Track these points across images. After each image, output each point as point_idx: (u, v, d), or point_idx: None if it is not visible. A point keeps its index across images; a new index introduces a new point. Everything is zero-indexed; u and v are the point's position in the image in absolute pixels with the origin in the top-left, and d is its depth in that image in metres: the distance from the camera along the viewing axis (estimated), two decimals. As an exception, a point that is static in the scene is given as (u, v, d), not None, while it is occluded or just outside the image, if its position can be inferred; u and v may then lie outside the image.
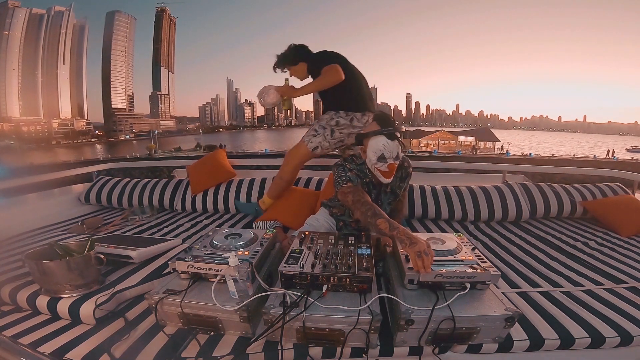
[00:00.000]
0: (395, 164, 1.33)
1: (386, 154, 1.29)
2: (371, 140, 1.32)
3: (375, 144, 1.30)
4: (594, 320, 1.03)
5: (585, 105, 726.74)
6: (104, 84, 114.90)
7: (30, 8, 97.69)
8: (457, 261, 1.00)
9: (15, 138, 78.19)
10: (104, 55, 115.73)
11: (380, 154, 1.29)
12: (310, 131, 1.97)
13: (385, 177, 1.34)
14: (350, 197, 1.29)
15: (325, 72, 1.79)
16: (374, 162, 1.32)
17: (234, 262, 0.91)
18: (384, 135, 1.29)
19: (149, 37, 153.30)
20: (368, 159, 1.35)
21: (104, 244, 1.36)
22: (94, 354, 0.89)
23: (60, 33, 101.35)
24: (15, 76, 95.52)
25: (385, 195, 1.50)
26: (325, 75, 1.79)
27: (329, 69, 1.79)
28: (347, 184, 1.34)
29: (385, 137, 1.29)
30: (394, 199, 1.53)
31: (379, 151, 1.29)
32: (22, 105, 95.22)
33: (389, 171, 1.33)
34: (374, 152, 1.30)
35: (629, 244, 1.75)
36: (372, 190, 1.46)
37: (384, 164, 1.31)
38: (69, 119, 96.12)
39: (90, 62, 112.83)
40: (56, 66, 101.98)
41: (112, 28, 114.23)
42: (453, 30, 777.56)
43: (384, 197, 1.50)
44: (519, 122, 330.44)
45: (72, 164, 27.12)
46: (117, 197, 2.44)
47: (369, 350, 0.91)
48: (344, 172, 1.39)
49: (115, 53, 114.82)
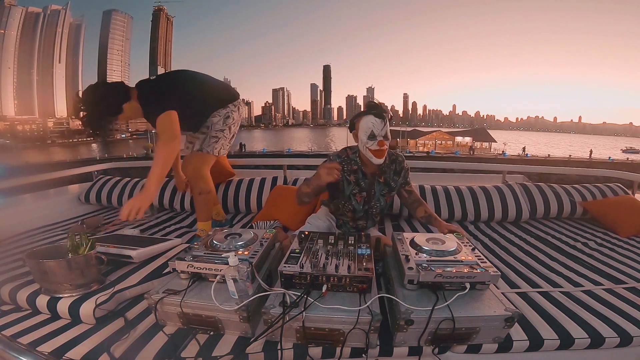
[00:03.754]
0: (385, 142, 1.41)
1: (375, 130, 1.39)
2: (361, 121, 1.43)
3: (365, 123, 1.41)
4: (593, 321, 1.03)
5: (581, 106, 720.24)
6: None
7: (26, 7, 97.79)
8: (457, 261, 1.00)
9: (10, 137, 77.88)
10: (100, 54, 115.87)
11: (369, 132, 1.40)
12: (210, 139, 1.83)
13: (377, 157, 1.42)
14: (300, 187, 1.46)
15: (160, 142, 1.52)
16: (365, 141, 1.41)
17: (234, 262, 0.91)
18: (372, 114, 1.41)
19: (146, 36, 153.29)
20: (360, 141, 1.45)
21: (104, 244, 1.36)
22: (93, 354, 0.89)
23: (57, 32, 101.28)
24: (10, 75, 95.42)
25: (378, 185, 1.54)
26: (161, 149, 1.50)
27: (161, 131, 1.52)
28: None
29: (373, 115, 1.40)
30: (388, 191, 1.56)
31: (368, 129, 1.40)
32: (17, 104, 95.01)
33: (380, 150, 1.41)
34: (364, 132, 1.41)
35: (629, 244, 1.76)
36: (363, 179, 1.51)
37: (374, 142, 1.40)
38: (64, 118, 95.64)
39: (87, 61, 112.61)
40: (52, 65, 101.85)
41: (108, 27, 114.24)
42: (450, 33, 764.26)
43: (377, 186, 1.54)
44: (514, 122, 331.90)
45: (69, 163, 27.05)
46: (117, 197, 2.44)
47: (369, 350, 0.91)
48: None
49: (111, 52, 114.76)
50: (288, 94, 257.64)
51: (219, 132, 1.85)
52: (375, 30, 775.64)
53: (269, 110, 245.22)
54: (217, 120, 1.84)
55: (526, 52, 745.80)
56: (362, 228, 1.60)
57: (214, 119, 1.84)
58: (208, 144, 1.84)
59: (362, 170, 1.50)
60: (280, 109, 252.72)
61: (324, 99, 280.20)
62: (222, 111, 1.86)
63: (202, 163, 1.85)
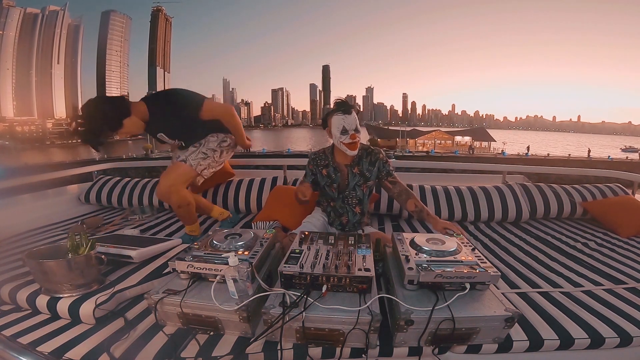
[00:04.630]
0: (356, 135, 1.50)
1: (346, 125, 1.49)
2: (332, 118, 1.53)
3: (336, 120, 1.51)
4: (593, 321, 1.03)
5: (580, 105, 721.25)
6: (99, 83, 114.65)
7: (24, 7, 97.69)
8: (457, 261, 1.00)
9: (9, 138, 77.79)
10: (99, 55, 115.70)
11: (341, 127, 1.50)
12: (198, 154, 1.79)
13: (351, 149, 1.52)
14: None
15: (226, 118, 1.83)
16: (338, 136, 1.51)
17: (234, 262, 0.91)
18: (341, 111, 1.51)
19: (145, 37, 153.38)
20: (334, 137, 1.55)
21: (104, 244, 1.36)
22: (93, 354, 0.89)
23: (55, 33, 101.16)
24: (9, 76, 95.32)
25: (352, 176, 1.61)
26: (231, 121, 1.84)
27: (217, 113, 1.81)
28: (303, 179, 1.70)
29: (342, 112, 1.51)
30: (364, 181, 1.62)
31: (340, 125, 1.50)
32: (16, 105, 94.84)
33: (353, 142, 1.51)
34: (337, 128, 1.51)
35: (629, 244, 1.76)
36: (334, 173, 1.62)
37: (347, 136, 1.50)
38: (63, 119, 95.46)
39: (85, 62, 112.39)
40: (50, 66, 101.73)
41: (107, 28, 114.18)
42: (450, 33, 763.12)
43: (352, 178, 1.61)
44: (514, 122, 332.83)
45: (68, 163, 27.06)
46: (117, 197, 2.44)
47: (369, 351, 0.91)
48: (307, 167, 1.70)
49: (110, 53, 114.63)
50: (287, 94, 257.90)
51: (210, 150, 1.84)
52: (374, 31, 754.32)
53: (268, 111, 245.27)
54: (213, 140, 1.86)
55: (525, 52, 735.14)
56: (346, 224, 1.62)
57: (211, 137, 1.86)
58: (195, 157, 1.78)
59: (333, 164, 1.63)
60: (279, 109, 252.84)
61: (323, 99, 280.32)
62: (221, 135, 1.89)
63: (180, 180, 1.75)
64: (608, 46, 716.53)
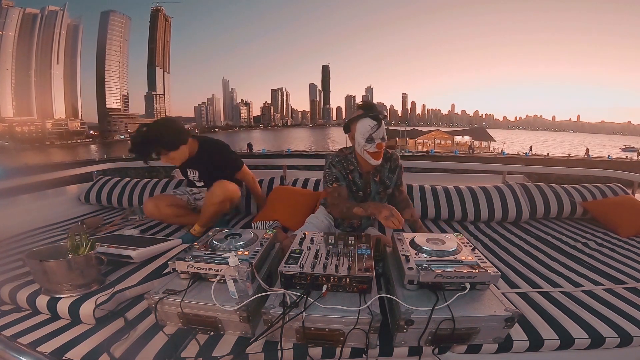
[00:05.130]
0: (382, 144, 1.40)
1: (373, 134, 1.38)
2: (358, 124, 1.41)
3: (362, 126, 1.39)
4: (593, 321, 1.03)
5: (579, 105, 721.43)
6: (98, 84, 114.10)
7: (23, 8, 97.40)
8: (457, 261, 1.00)
9: (9, 138, 77.74)
10: (98, 55, 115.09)
11: (368, 135, 1.38)
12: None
13: (375, 159, 1.42)
14: (334, 199, 1.45)
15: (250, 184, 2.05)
16: (362, 144, 1.40)
17: (234, 262, 0.91)
18: (369, 117, 1.38)
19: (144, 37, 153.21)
20: (357, 143, 1.43)
21: (104, 244, 1.36)
22: (93, 354, 0.89)
23: (54, 33, 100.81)
24: (8, 76, 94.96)
25: (374, 184, 1.55)
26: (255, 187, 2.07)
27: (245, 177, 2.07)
28: (333, 185, 1.49)
29: (370, 118, 1.38)
30: (384, 189, 1.57)
31: (366, 132, 1.38)
32: (15, 106, 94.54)
33: (378, 152, 1.41)
34: (362, 135, 1.39)
35: (629, 244, 1.75)
36: (359, 179, 1.52)
37: (372, 144, 1.39)
38: (62, 119, 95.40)
39: (85, 62, 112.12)
40: (50, 66, 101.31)
41: (106, 28, 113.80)
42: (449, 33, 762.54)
43: (373, 185, 1.55)
44: (513, 121, 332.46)
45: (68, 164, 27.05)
46: (117, 197, 2.44)
47: (369, 351, 0.90)
48: (330, 169, 1.52)
49: (109, 53, 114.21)
50: (287, 94, 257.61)
51: None
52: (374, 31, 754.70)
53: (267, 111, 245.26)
54: None
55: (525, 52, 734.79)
56: (357, 227, 1.61)
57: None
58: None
59: (359, 169, 1.51)
60: (279, 109, 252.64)
61: (322, 99, 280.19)
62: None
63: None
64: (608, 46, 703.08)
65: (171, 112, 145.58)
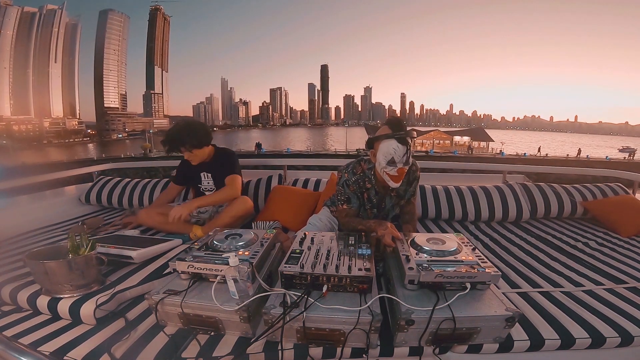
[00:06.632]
0: (404, 169, 1.31)
1: (396, 158, 1.28)
2: (382, 143, 1.30)
3: (386, 147, 1.29)
4: (594, 321, 1.03)
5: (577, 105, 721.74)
6: (96, 82, 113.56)
7: (22, 6, 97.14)
8: (458, 261, 1.00)
9: (6, 137, 77.45)
10: (96, 54, 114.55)
11: (390, 157, 1.28)
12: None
13: (394, 182, 1.33)
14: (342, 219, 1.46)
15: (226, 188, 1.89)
16: (383, 165, 1.31)
17: (234, 262, 0.91)
18: (395, 139, 1.28)
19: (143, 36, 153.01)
20: (378, 163, 1.34)
21: (105, 244, 1.36)
22: (94, 354, 0.89)
23: (52, 31, 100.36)
24: (6, 75, 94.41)
25: (390, 198, 1.51)
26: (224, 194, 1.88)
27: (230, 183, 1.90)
28: (344, 206, 1.47)
29: (396, 140, 1.27)
30: (399, 200, 1.54)
31: (389, 155, 1.28)
32: (13, 104, 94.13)
33: (398, 175, 1.32)
34: (384, 156, 1.29)
35: (629, 244, 1.75)
36: (375, 196, 1.48)
37: (394, 168, 1.29)
38: (60, 118, 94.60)
39: (83, 61, 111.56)
40: (48, 65, 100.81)
41: (105, 27, 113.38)
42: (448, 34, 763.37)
43: (389, 200, 1.51)
44: (511, 122, 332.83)
45: (67, 163, 26.99)
46: (117, 197, 2.44)
47: (369, 351, 0.91)
48: (344, 188, 1.46)
49: (108, 52, 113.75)
50: (286, 93, 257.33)
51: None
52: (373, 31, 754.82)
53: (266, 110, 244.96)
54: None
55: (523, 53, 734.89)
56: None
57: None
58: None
59: (376, 187, 1.46)
60: (277, 108, 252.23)
61: (321, 98, 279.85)
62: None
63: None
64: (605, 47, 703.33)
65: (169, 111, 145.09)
